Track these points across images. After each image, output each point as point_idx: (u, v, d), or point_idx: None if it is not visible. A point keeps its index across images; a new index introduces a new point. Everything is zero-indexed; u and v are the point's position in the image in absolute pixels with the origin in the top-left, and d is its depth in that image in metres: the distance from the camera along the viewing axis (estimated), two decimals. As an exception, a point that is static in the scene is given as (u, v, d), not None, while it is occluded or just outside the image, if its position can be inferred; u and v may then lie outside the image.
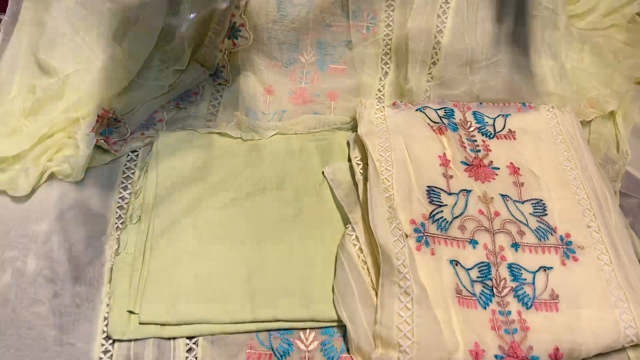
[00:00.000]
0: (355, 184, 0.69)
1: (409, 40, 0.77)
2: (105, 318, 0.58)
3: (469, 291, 0.60)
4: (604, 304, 0.60)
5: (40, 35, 0.73)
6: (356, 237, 0.63)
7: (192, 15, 0.73)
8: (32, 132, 0.67)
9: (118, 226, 0.65)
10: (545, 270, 0.62)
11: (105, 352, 0.55)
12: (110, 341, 0.56)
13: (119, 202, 0.68)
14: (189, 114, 0.78)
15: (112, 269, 0.61)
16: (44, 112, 0.70)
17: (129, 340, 0.56)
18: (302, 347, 0.58)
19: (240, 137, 0.74)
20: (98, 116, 0.70)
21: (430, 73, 0.78)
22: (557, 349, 0.57)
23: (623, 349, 0.59)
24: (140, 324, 0.57)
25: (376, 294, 0.59)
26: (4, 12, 0.74)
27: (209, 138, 0.74)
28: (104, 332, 0.57)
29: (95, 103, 0.71)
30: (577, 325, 0.58)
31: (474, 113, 0.77)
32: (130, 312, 0.58)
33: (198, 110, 0.78)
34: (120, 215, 0.66)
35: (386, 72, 0.81)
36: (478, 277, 0.61)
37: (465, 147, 0.72)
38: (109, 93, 0.73)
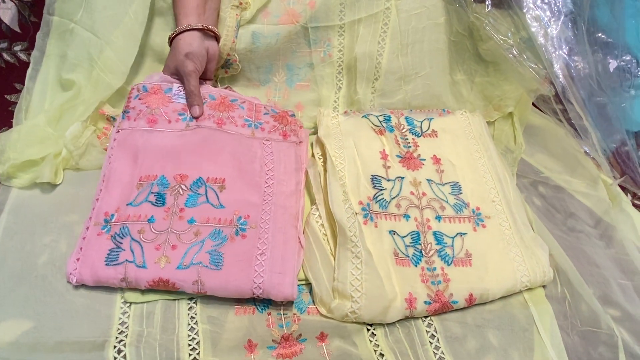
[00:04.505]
0: (317, 173, 0.68)
1: (357, 62, 0.76)
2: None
3: (404, 254, 0.60)
4: (505, 259, 0.61)
5: (63, 65, 0.70)
6: (319, 215, 0.63)
7: None
8: (57, 138, 0.64)
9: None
10: (461, 235, 0.62)
11: (124, 313, 0.54)
12: (128, 304, 0.54)
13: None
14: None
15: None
16: (63, 119, 0.67)
17: (142, 303, 0.54)
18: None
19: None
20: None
21: (373, 87, 0.78)
22: (471, 295, 0.57)
23: (520, 292, 0.60)
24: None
25: (334, 258, 0.58)
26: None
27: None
28: (122, 297, 0.55)
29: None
30: (485, 276, 0.59)
31: (406, 118, 0.76)
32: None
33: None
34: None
35: (340, 87, 0.79)
36: (410, 242, 0.61)
37: (399, 144, 0.72)
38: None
